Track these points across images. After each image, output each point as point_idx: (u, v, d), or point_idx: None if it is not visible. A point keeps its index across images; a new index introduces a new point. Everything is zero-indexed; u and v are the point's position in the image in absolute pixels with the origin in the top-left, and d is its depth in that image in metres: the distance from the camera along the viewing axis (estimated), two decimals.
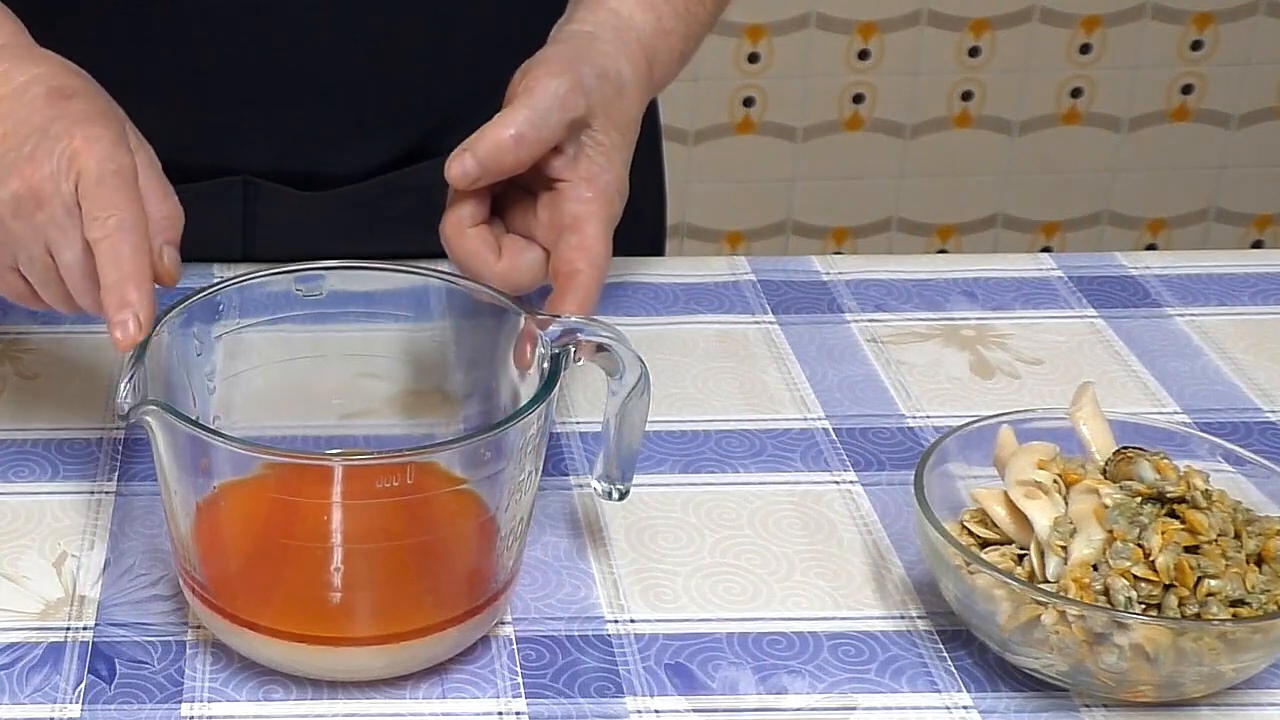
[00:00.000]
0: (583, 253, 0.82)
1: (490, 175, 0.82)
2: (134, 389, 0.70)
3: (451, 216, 0.84)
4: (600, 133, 0.84)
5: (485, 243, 0.84)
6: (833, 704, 0.73)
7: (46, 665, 0.75)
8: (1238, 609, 0.70)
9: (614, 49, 0.86)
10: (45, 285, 0.79)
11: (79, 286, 0.77)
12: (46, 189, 0.76)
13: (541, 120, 0.82)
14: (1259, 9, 2.39)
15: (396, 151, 1.05)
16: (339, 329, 0.81)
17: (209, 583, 0.74)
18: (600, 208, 0.83)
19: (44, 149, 0.77)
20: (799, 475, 0.88)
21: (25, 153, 0.77)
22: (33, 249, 0.78)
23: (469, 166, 0.82)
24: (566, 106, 0.82)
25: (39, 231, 0.77)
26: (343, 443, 0.82)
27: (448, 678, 0.75)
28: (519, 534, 0.75)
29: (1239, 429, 0.91)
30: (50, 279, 0.79)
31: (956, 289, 1.05)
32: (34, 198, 0.76)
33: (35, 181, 0.76)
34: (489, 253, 0.83)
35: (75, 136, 0.76)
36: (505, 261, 0.84)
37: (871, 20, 2.35)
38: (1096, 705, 0.73)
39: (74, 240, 0.76)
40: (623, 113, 0.86)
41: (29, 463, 0.88)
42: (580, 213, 0.83)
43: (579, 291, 0.81)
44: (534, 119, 0.82)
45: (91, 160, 0.76)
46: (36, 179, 0.76)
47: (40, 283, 0.79)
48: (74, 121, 0.77)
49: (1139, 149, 2.46)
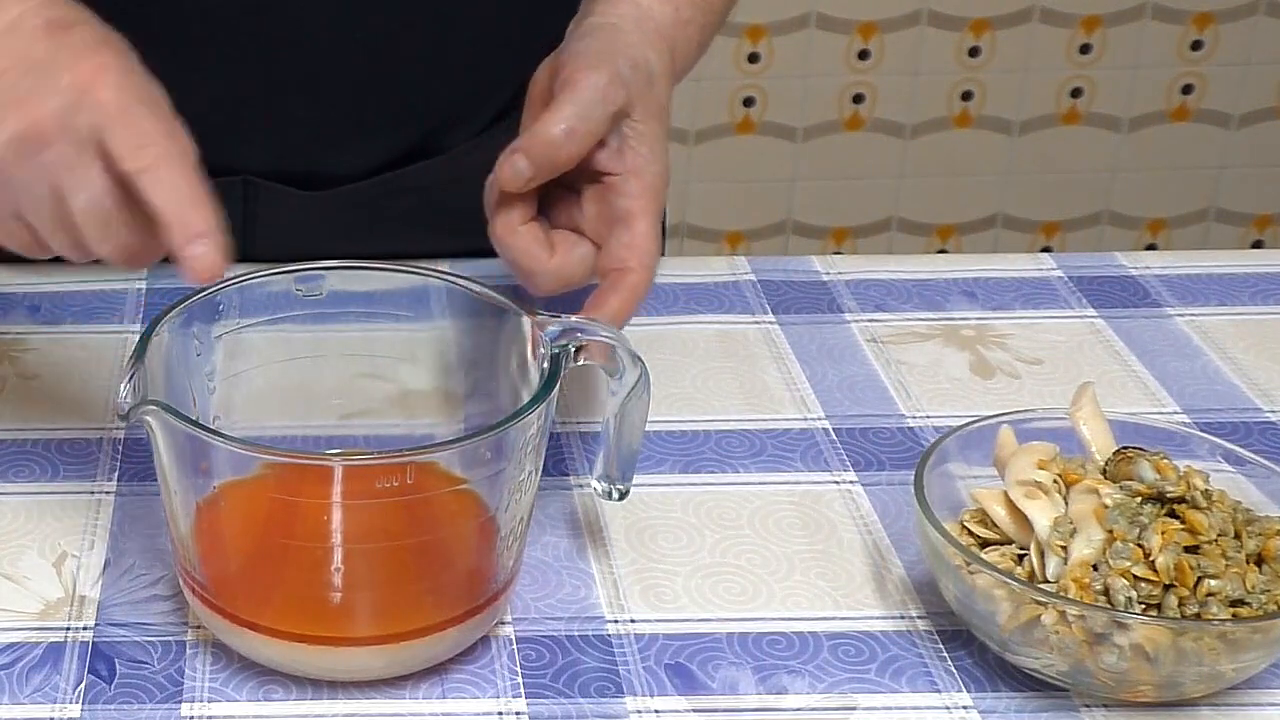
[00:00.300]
0: (633, 251, 0.81)
1: (543, 173, 0.81)
2: (134, 389, 0.70)
3: (501, 216, 0.82)
4: (640, 123, 0.83)
5: (537, 240, 0.82)
6: (833, 704, 0.73)
7: (46, 665, 0.75)
8: (1238, 609, 0.70)
9: (639, 39, 0.85)
10: (55, 232, 0.73)
11: (96, 232, 0.72)
12: (52, 126, 0.71)
13: (588, 113, 0.80)
14: (1259, 9, 2.39)
15: (396, 151, 1.05)
16: (339, 329, 0.81)
17: (209, 583, 0.74)
18: (649, 202, 0.82)
19: (47, 84, 0.71)
20: (799, 475, 0.88)
21: (25, 88, 0.71)
22: (38, 193, 0.72)
23: (521, 166, 0.80)
24: (609, 99, 0.81)
25: (45, 173, 0.71)
26: (343, 443, 0.82)
27: (448, 678, 0.75)
28: (519, 534, 0.75)
29: (1239, 429, 0.91)
30: (61, 225, 0.73)
31: (956, 289, 1.05)
32: (38, 137, 0.71)
33: (39, 119, 0.71)
34: (541, 250, 0.82)
35: (82, 67, 0.71)
36: (558, 258, 0.82)
37: (871, 20, 2.35)
38: (1096, 705, 0.73)
39: (88, 180, 0.71)
40: (656, 101, 0.85)
41: (29, 463, 0.88)
42: (631, 208, 0.82)
43: (625, 291, 0.80)
44: (580, 112, 0.80)
45: (107, 90, 0.71)
46: (40, 116, 0.71)
47: (49, 230, 0.73)
48: (77, 52, 0.72)
49: (1139, 149, 2.46)
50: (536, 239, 0.82)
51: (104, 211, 0.72)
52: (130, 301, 1.02)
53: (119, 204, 0.72)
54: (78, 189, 0.71)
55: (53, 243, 0.74)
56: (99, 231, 0.72)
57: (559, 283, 0.82)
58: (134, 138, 0.71)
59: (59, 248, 0.74)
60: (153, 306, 1.01)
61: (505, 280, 1.04)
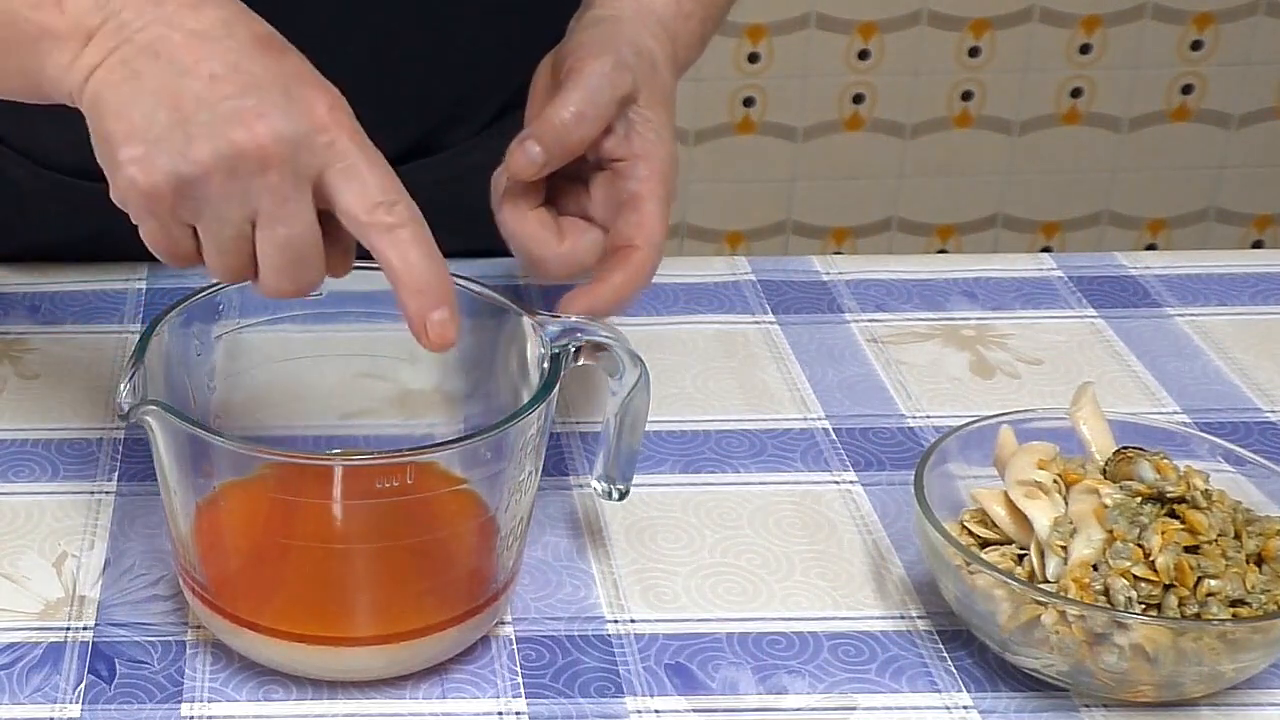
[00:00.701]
0: (640, 230, 0.80)
1: (555, 159, 0.81)
2: (134, 389, 0.70)
3: (509, 203, 0.82)
4: (646, 108, 0.83)
5: (546, 226, 0.82)
6: (833, 704, 0.73)
7: (46, 665, 0.75)
8: (1238, 609, 0.70)
9: (640, 29, 0.85)
10: (226, 253, 0.70)
11: (285, 266, 0.70)
12: (280, 155, 0.68)
13: (595, 98, 0.80)
14: (1259, 9, 2.39)
15: (396, 150, 1.04)
16: (339, 329, 0.80)
17: (209, 583, 0.74)
18: (658, 185, 0.82)
19: (278, 109, 0.68)
20: (799, 475, 0.88)
21: (250, 106, 0.68)
22: (231, 213, 0.69)
23: (534, 152, 0.80)
24: (616, 84, 0.81)
25: (249, 196, 0.68)
26: (343, 443, 0.82)
27: (448, 678, 0.75)
28: (519, 534, 0.75)
29: (1239, 429, 0.91)
30: (238, 249, 0.70)
31: (956, 289, 1.05)
32: (261, 160, 0.68)
33: (265, 142, 0.68)
34: (551, 235, 0.82)
35: (320, 105, 0.69)
36: (567, 243, 0.82)
37: (871, 20, 2.35)
38: (1096, 705, 0.73)
39: (298, 216, 0.69)
40: (662, 87, 0.84)
41: (29, 463, 0.88)
42: (639, 191, 0.81)
43: (631, 269, 0.80)
44: (588, 97, 0.80)
45: (345, 134, 0.69)
46: (269, 139, 0.68)
47: (223, 249, 0.70)
48: (306, 82, 0.70)
49: (1139, 149, 2.46)
50: (545, 225, 0.82)
51: (303, 250, 0.70)
52: (130, 301, 1.02)
53: (317, 244, 0.70)
54: (283, 222, 0.69)
55: (216, 260, 0.71)
56: (289, 267, 0.70)
57: (568, 268, 0.81)
58: (379, 193, 0.69)
59: (221, 268, 0.72)
60: (153, 306, 1.01)
61: (505, 280, 1.04)
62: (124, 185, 0.69)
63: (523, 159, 0.80)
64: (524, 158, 0.80)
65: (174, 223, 0.70)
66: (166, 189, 0.69)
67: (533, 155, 0.80)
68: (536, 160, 0.80)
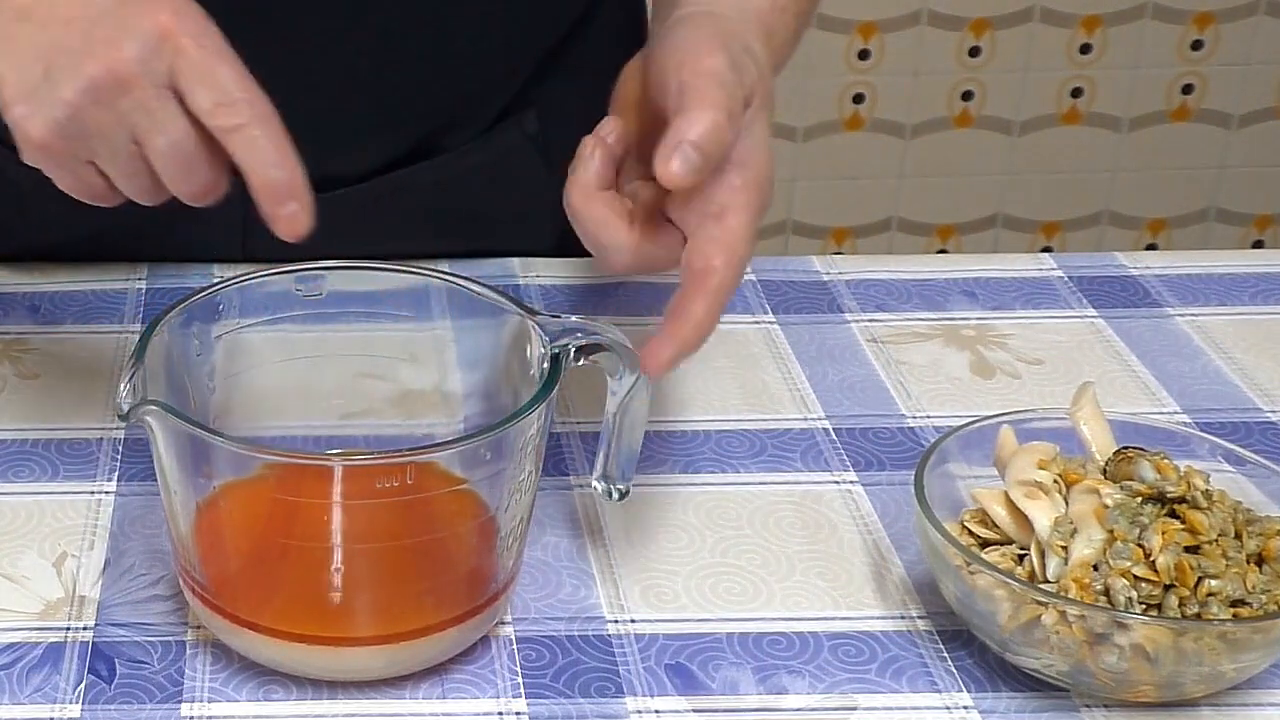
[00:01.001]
0: (722, 247, 0.73)
1: (711, 163, 0.72)
2: (134, 389, 0.70)
3: (578, 182, 0.75)
4: (754, 110, 0.76)
5: (615, 210, 0.75)
6: (833, 704, 0.73)
7: (46, 665, 0.75)
8: (1238, 609, 0.70)
9: (741, 27, 0.79)
10: (130, 176, 0.74)
11: (177, 173, 0.73)
12: (132, 72, 0.71)
13: (733, 97, 0.73)
14: (1259, 9, 2.39)
15: (397, 153, 1.05)
16: (339, 329, 0.80)
17: (209, 583, 0.74)
18: (752, 196, 0.74)
19: (123, 29, 0.71)
20: (799, 475, 0.88)
21: (99, 35, 0.71)
22: (115, 139, 0.73)
23: (692, 157, 0.71)
24: (743, 83, 0.74)
25: (123, 119, 0.72)
26: (343, 443, 0.82)
27: (448, 678, 0.74)
28: (519, 534, 0.75)
29: (1239, 429, 0.91)
30: (136, 169, 0.74)
31: (956, 289, 1.05)
32: (117, 83, 0.71)
33: (118, 65, 0.71)
34: (620, 220, 0.74)
35: (160, 12, 0.71)
36: (638, 233, 0.74)
37: (871, 20, 2.35)
38: (1096, 705, 0.73)
39: (168, 123, 0.72)
40: (765, 92, 0.78)
41: (29, 463, 0.88)
42: (729, 202, 0.74)
43: (711, 296, 0.72)
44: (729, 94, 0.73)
45: (187, 37, 0.71)
46: (119, 62, 0.71)
47: (124, 175, 0.74)
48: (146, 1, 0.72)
49: (1139, 149, 2.46)
50: (614, 209, 0.75)
51: (186, 153, 0.73)
52: (130, 301, 1.02)
53: (199, 145, 0.73)
54: (158, 132, 0.72)
55: (127, 187, 0.75)
56: (180, 173, 0.73)
57: (638, 260, 0.75)
58: (219, 93, 0.71)
59: (133, 192, 0.75)
60: (153, 306, 1.01)
61: (505, 280, 1.04)
62: (23, 144, 0.74)
63: (679, 166, 0.71)
64: (681, 164, 0.71)
65: (77, 165, 0.74)
66: (53, 137, 0.73)
67: (690, 159, 0.71)
68: (694, 163, 0.71)
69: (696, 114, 0.72)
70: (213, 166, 0.74)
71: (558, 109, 1.04)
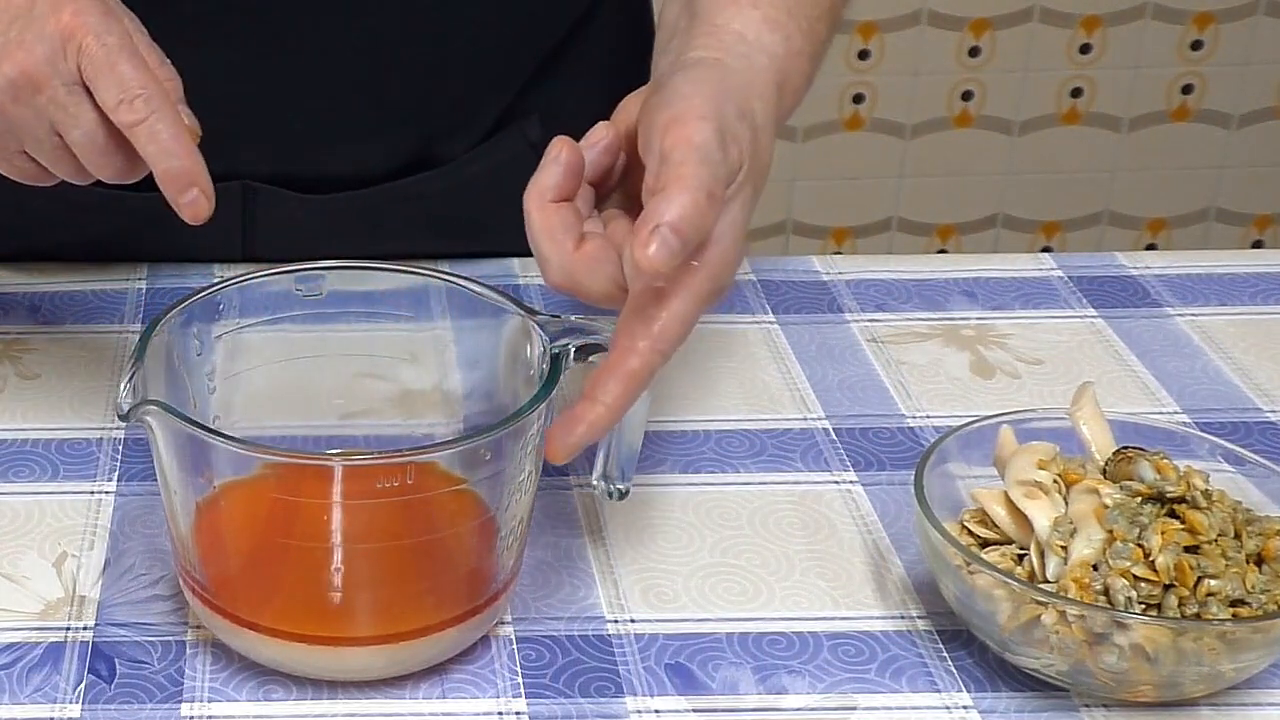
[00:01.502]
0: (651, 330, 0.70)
1: (689, 246, 0.68)
2: (134, 389, 0.70)
3: (536, 184, 0.72)
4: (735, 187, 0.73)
5: (564, 223, 0.72)
6: (832, 704, 0.73)
7: (46, 665, 0.75)
8: (1238, 609, 0.70)
9: (746, 81, 0.75)
10: (57, 163, 0.80)
11: (95, 161, 0.78)
12: (43, 71, 0.76)
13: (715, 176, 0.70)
14: (1259, 9, 2.39)
15: (396, 156, 1.05)
16: (339, 329, 0.81)
17: (209, 583, 0.74)
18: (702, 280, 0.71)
19: (32, 31, 0.76)
20: (799, 475, 0.88)
21: (13, 37, 0.77)
22: (38, 131, 0.78)
23: (670, 241, 0.67)
24: (728, 160, 0.71)
25: (41, 114, 0.77)
26: (343, 443, 0.82)
27: (448, 678, 0.75)
28: (519, 534, 0.75)
29: (1239, 429, 0.91)
30: (60, 156, 0.79)
31: (956, 289, 1.05)
32: (30, 82, 0.77)
33: (29, 66, 0.76)
34: (565, 235, 0.71)
35: (63, 12, 0.76)
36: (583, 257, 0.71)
37: (871, 20, 2.35)
38: (1096, 705, 0.73)
39: (80, 117, 0.77)
40: (760, 160, 0.75)
41: (29, 463, 0.88)
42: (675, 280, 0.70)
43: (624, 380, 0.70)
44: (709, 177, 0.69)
45: (89, 36, 0.76)
46: (30, 63, 0.76)
47: (51, 161, 0.80)
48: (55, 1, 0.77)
49: (1139, 149, 2.46)
50: (566, 223, 0.72)
51: (99, 144, 0.77)
52: (130, 301, 1.02)
53: (111, 133, 0.77)
54: (73, 125, 0.77)
55: (56, 171, 0.80)
56: (98, 159, 0.78)
57: (569, 284, 0.72)
58: (119, 90, 0.76)
59: (63, 174, 0.81)
60: (153, 306, 1.01)
61: (505, 281, 1.04)
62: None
63: (660, 252, 0.67)
64: (661, 251, 0.67)
65: (12, 155, 0.80)
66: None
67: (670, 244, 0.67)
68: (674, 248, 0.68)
69: (675, 195, 0.68)
70: (128, 152, 0.78)
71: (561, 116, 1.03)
